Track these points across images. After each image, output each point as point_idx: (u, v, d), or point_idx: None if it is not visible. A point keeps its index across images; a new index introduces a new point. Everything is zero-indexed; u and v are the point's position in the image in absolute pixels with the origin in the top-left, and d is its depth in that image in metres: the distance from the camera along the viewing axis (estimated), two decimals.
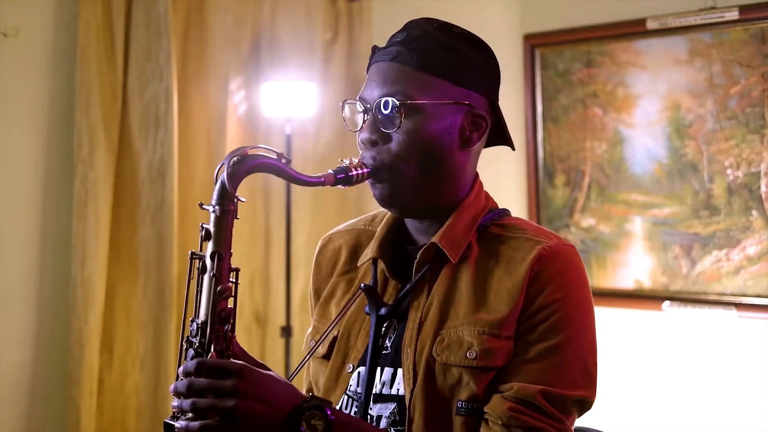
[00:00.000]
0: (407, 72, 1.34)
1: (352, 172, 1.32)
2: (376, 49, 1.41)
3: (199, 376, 1.18)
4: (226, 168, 1.25)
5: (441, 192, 1.38)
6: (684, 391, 2.90)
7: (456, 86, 1.35)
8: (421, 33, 1.37)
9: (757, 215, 2.75)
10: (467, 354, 1.29)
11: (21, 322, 2.69)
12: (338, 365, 1.42)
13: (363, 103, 1.36)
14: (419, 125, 1.32)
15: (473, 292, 1.33)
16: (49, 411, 2.73)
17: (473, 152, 1.41)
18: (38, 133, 2.74)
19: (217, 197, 1.28)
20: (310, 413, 1.19)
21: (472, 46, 1.40)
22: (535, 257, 1.32)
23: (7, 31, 2.58)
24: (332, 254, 1.53)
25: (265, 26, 3.26)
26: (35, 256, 2.72)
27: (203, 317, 1.27)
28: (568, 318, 1.31)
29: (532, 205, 3.20)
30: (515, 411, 1.26)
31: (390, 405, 1.34)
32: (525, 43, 3.21)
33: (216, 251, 1.28)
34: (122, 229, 2.86)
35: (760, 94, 2.73)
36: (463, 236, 1.37)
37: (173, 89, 2.86)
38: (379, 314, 1.37)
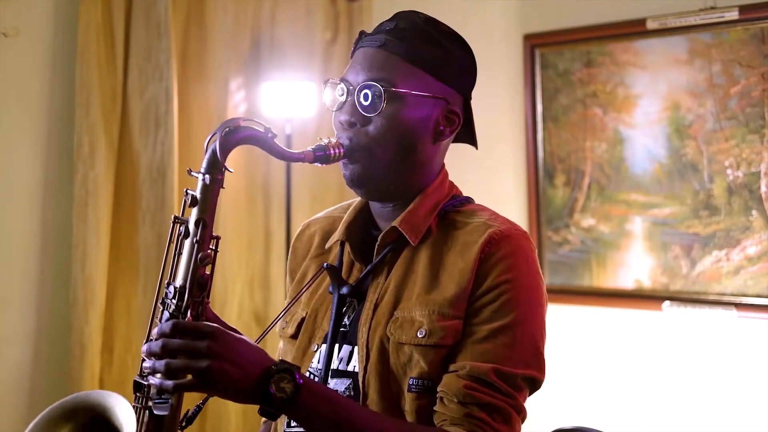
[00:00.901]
0: (394, 60, 1.39)
1: (330, 151, 1.38)
2: (363, 34, 1.47)
3: (174, 338, 1.21)
4: (218, 137, 1.31)
5: (409, 179, 1.44)
6: (684, 392, 2.90)
7: (437, 81, 1.41)
8: (410, 25, 1.42)
9: (757, 215, 2.75)
10: (418, 333, 1.35)
11: (22, 322, 2.69)
12: (304, 345, 1.49)
13: (346, 84, 1.41)
14: (398, 113, 1.38)
15: (428, 273, 1.39)
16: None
17: (443, 146, 1.47)
18: (38, 133, 2.74)
19: (206, 165, 1.32)
20: (280, 376, 1.22)
21: (456, 45, 1.45)
22: (486, 240, 1.37)
23: (7, 31, 2.58)
24: (307, 239, 1.61)
25: (265, 26, 3.27)
26: (36, 255, 2.72)
27: (182, 281, 1.30)
28: (517, 299, 1.36)
29: (532, 205, 3.20)
30: (470, 388, 1.31)
31: (346, 381, 1.41)
32: (525, 43, 3.21)
33: (200, 218, 1.30)
34: (122, 229, 2.86)
35: (760, 94, 2.73)
36: (423, 220, 1.43)
37: (173, 89, 2.86)
38: (341, 293, 1.44)
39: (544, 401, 3.14)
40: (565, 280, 3.14)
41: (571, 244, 3.14)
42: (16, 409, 2.66)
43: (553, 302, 3.15)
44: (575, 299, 3.12)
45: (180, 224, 1.32)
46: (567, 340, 3.16)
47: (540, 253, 3.19)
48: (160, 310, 1.30)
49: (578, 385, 3.12)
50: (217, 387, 1.21)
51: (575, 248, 3.14)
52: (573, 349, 3.14)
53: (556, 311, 3.18)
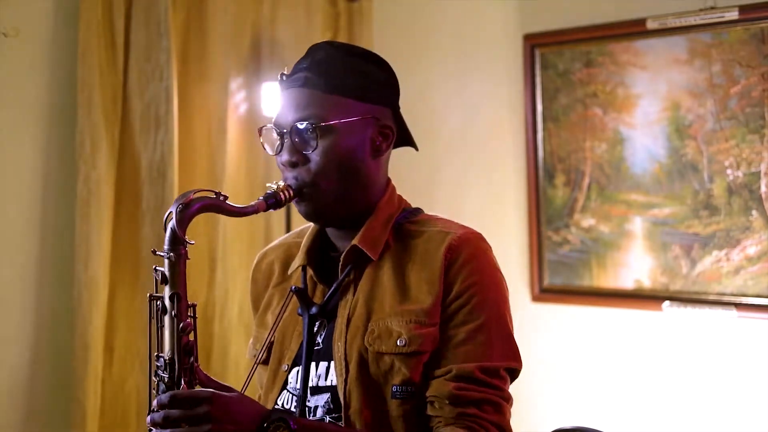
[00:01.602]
0: (317, 96, 1.47)
1: (280, 196, 1.46)
2: (283, 76, 1.53)
3: (173, 408, 1.31)
4: (174, 215, 1.40)
5: (358, 200, 1.51)
6: (684, 392, 2.90)
7: (362, 102, 1.48)
8: (325, 56, 1.49)
9: (757, 215, 2.75)
10: (398, 342, 1.43)
11: (24, 323, 2.69)
12: (275, 367, 1.56)
13: (279, 128, 1.49)
14: (334, 143, 1.46)
15: (395, 285, 1.47)
16: (53, 411, 2.73)
17: (383, 159, 1.54)
18: (39, 133, 2.74)
19: (169, 243, 1.41)
20: (275, 425, 1.32)
21: (371, 63, 1.52)
22: (447, 247, 1.46)
23: (7, 31, 2.58)
24: (266, 268, 1.68)
25: (265, 26, 3.26)
26: (38, 256, 2.72)
27: (169, 353, 1.39)
28: (486, 299, 1.46)
29: (532, 205, 3.20)
30: (459, 389, 1.40)
31: (324, 395, 1.48)
32: (525, 43, 3.21)
33: (174, 293, 1.39)
34: (123, 229, 2.86)
35: (760, 94, 2.73)
36: (380, 235, 1.51)
37: (173, 89, 2.86)
38: (311, 313, 1.50)
39: (544, 401, 3.15)
40: (565, 280, 3.15)
41: (571, 244, 3.14)
42: (17, 409, 2.66)
43: (553, 302, 3.18)
44: (575, 299, 3.12)
45: (156, 300, 1.41)
46: (567, 340, 3.16)
47: (540, 253, 3.19)
48: (155, 381, 1.40)
49: (578, 385, 3.12)
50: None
51: (575, 248, 3.14)
52: (573, 349, 3.15)
53: (556, 311, 3.19)
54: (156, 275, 1.40)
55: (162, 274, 1.40)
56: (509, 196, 3.26)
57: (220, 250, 3.05)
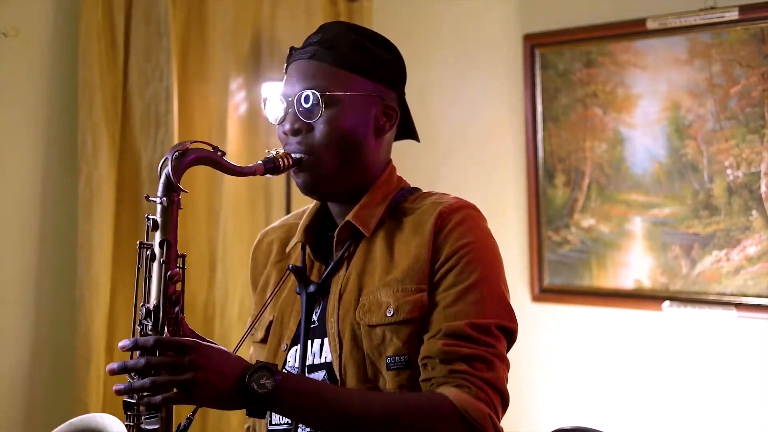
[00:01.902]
0: (324, 68, 1.47)
1: (279, 162, 1.45)
2: (293, 50, 1.53)
3: (154, 354, 1.28)
4: (169, 162, 1.35)
5: (357, 176, 1.50)
6: (684, 392, 2.90)
7: (368, 80, 1.48)
8: (335, 33, 1.50)
9: (757, 215, 2.75)
10: (386, 313, 1.42)
11: (26, 323, 2.69)
12: (274, 346, 1.55)
13: (284, 97, 1.49)
14: (338, 115, 1.45)
15: (386, 257, 1.46)
16: (54, 411, 2.73)
17: (386, 140, 1.54)
18: (40, 133, 2.74)
19: (162, 189, 1.36)
20: (259, 374, 1.29)
21: (381, 45, 1.52)
22: (438, 215, 1.45)
23: (7, 31, 2.58)
24: (266, 247, 1.67)
25: (265, 26, 3.27)
26: (40, 256, 2.72)
27: (155, 301, 1.35)
28: (477, 259, 1.43)
29: (532, 205, 3.20)
30: (448, 345, 1.38)
31: (320, 373, 1.47)
32: (525, 43, 3.21)
33: (164, 239, 1.36)
34: (124, 229, 2.86)
35: (760, 94, 2.73)
36: (375, 211, 1.50)
37: (173, 89, 2.87)
38: (308, 292, 1.50)
39: (544, 401, 3.15)
40: (565, 280, 3.15)
41: (571, 244, 3.14)
42: (18, 409, 2.66)
43: (553, 302, 3.18)
44: (575, 299, 3.12)
45: (146, 248, 1.38)
46: (567, 341, 3.16)
47: (540, 253, 3.19)
48: (138, 331, 1.36)
49: (578, 385, 3.12)
50: (202, 396, 1.28)
51: (575, 248, 3.14)
52: (573, 349, 3.15)
53: (556, 311, 3.19)
54: (147, 222, 1.37)
55: (153, 221, 1.36)
56: (509, 196, 3.26)
57: (220, 250, 3.05)
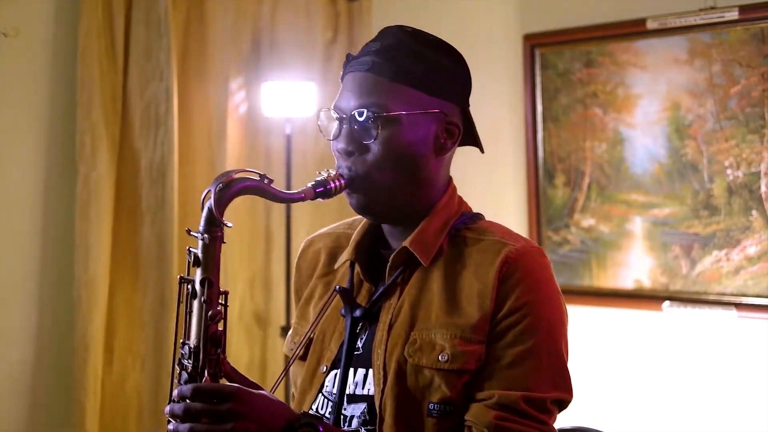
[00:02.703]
0: (382, 83, 1.36)
1: (330, 185, 1.35)
2: (350, 57, 1.42)
3: (195, 401, 1.23)
4: (213, 194, 1.28)
5: (415, 198, 1.41)
6: (684, 392, 2.90)
7: (430, 96, 1.37)
8: (395, 42, 1.38)
9: (757, 215, 2.75)
10: (439, 357, 1.32)
11: (23, 322, 2.69)
12: (313, 367, 1.46)
13: (339, 112, 1.38)
14: (395, 135, 1.35)
15: (444, 295, 1.36)
16: (53, 411, 2.73)
17: (446, 158, 1.44)
18: (39, 133, 2.74)
19: (204, 224, 1.30)
20: (303, 430, 1.23)
21: (445, 55, 1.41)
22: (503, 260, 1.34)
23: (7, 31, 2.58)
24: (312, 257, 1.57)
25: (265, 26, 3.26)
26: (38, 256, 2.72)
27: (195, 341, 1.30)
28: (540, 320, 1.34)
29: (532, 205, 3.20)
30: (500, 419, 1.29)
31: (361, 405, 1.37)
32: (525, 43, 3.21)
33: (205, 278, 1.30)
34: (123, 229, 2.86)
35: (760, 94, 2.73)
36: (434, 240, 1.40)
37: (173, 89, 2.86)
38: (354, 316, 1.40)
39: None
40: (565, 280, 3.14)
41: (571, 244, 3.14)
42: (17, 409, 2.66)
43: None
44: (575, 299, 3.12)
45: (186, 284, 1.32)
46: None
47: None
48: (177, 371, 1.32)
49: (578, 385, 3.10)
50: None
51: (575, 248, 3.14)
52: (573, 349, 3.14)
53: None
54: (189, 257, 1.30)
55: (195, 256, 1.29)
56: (509, 196, 3.26)
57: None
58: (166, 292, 2.83)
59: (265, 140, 3.21)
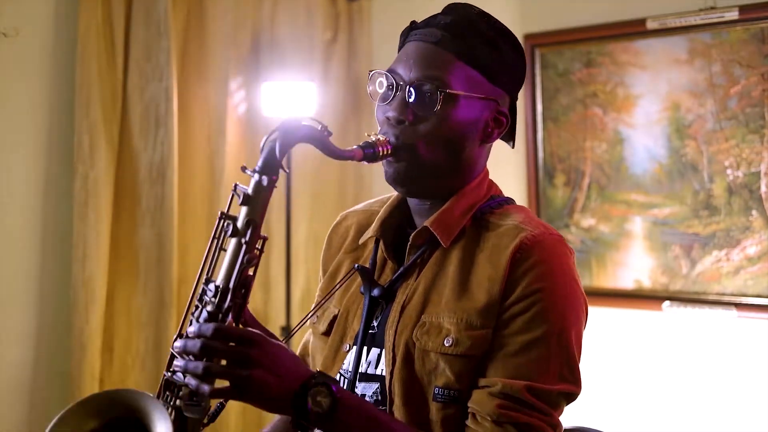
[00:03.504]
0: (449, 59, 1.34)
1: (378, 149, 1.32)
2: (414, 25, 1.41)
3: (216, 341, 1.17)
4: (279, 135, 1.23)
5: (451, 180, 1.40)
6: (684, 391, 2.90)
7: (490, 82, 1.37)
8: (465, 21, 1.37)
9: (757, 215, 2.75)
10: (445, 341, 1.31)
11: (22, 322, 2.69)
12: (336, 344, 1.44)
13: (396, 78, 1.36)
14: (450, 114, 1.33)
15: (458, 278, 1.34)
16: (51, 411, 2.73)
17: (488, 147, 1.45)
18: (38, 132, 2.74)
19: (262, 165, 1.24)
20: (317, 389, 1.19)
21: (509, 44, 1.40)
22: (516, 246, 1.32)
23: (7, 31, 2.58)
24: (343, 231, 1.56)
25: (265, 26, 3.27)
26: (36, 255, 2.72)
27: (224, 281, 1.23)
28: (550, 309, 1.30)
29: (532, 205, 3.20)
30: (504, 408, 1.26)
31: (374, 384, 1.37)
32: (525, 43, 3.21)
33: (252, 219, 1.24)
34: (122, 229, 2.86)
35: (760, 94, 2.73)
36: (458, 221, 1.38)
37: (173, 89, 2.86)
38: (372, 295, 1.39)
39: None
40: None
41: (571, 244, 3.13)
42: (16, 408, 2.66)
43: None
44: None
45: (227, 221, 1.25)
46: None
47: None
48: (198, 307, 1.25)
49: None
50: (254, 397, 1.18)
51: (575, 248, 3.12)
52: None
53: None
54: (236, 192, 1.24)
55: (245, 195, 1.23)
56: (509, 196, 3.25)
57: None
58: (165, 293, 2.83)
59: None
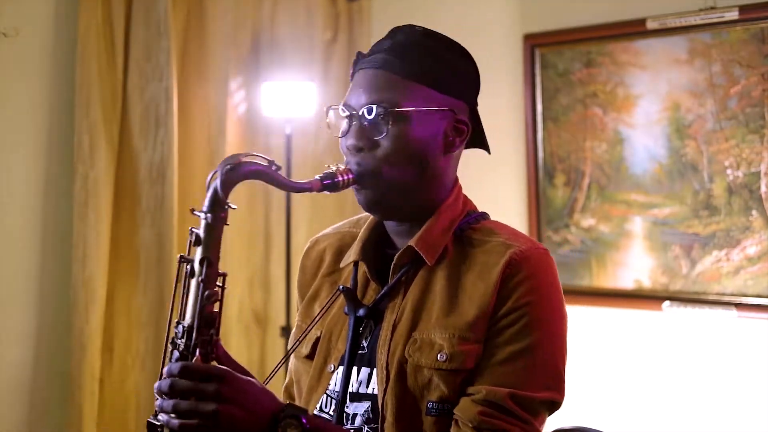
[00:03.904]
0: (394, 80, 1.37)
1: (338, 178, 1.35)
2: (360, 56, 1.44)
3: (183, 379, 1.22)
4: (219, 175, 1.28)
5: (423, 196, 1.41)
6: (684, 392, 2.90)
7: (440, 93, 1.38)
8: (407, 40, 1.40)
9: (757, 215, 2.75)
10: (438, 356, 1.33)
11: (22, 322, 2.69)
12: (320, 365, 1.46)
13: (349, 109, 1.39)
14: (405, 132, 1.36)
15: (447, 295, 1.37)
16: (50, 411, 2.73)
17: (454, 156, 1.45)
18: (38, 133, 2.74)
19: (209, 204, 1.30)
20: (287, 422, 1.22)
21: (456, 54, 1.42)
22: (507, 261, 1.35)
23: (7, 31, 2.58)
24: (317, 256, 1.57)
25: (265, 26, 3.27)
26: (36, 255, 2.72)
27: (189, 320, 1.29)
28: (537, 321, 1.34)
29: (532, 205, 3.20)
30: (485, 414, 1.29)
31: (365, 404, 1.39)
32: (525, 43, 3.21)
33: (205, 257, 1.29)
34: (122, 230, 2.86)
35: (760, 94, 2.73)
36: (440, 240, 1.41)
37: (173, 89, 2.86)
38: (357, 315, 1.41)
39: None
40: (565, 280, 3.11)
41: (571, 244, 3.14)
42: (16, 408, 2.66)
43: None
44: (575, 299, 3.11)
45: (186, 263, 1.31)
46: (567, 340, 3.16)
47: None
48: (170, 349, 1.31)
49: (578, 385, 3.11)
50: (222, 430, 1.20)
51: (575, 248, 3.13)
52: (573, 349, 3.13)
53: None
54: (190, 236, 1.30)
55: (196, 236, 1.29)
56: (509, 196, 3.25)
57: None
58: (165, 293, 2.83)
59: (264, 140, 3.21)
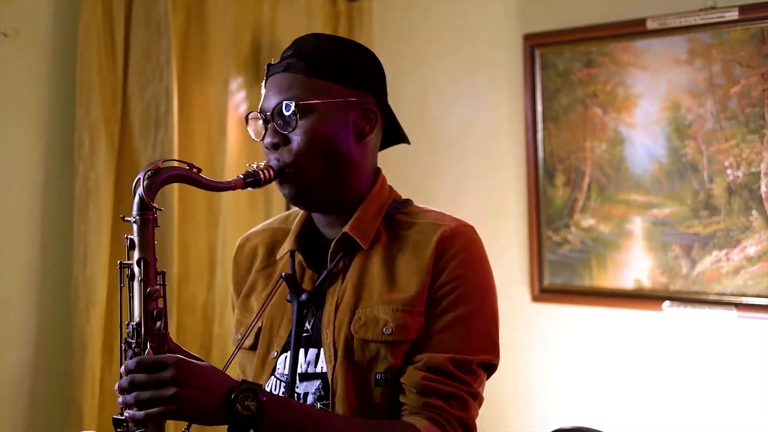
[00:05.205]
0: (299, 78, 1.49)
1: (260, 175, 1.46)
2: (269, 66, 1.57)
3: (138, 372, 1.30)
4: (142, 181, 1.39)
5: (344, 185, 1.52)
6: (684, 392, 2.90)
7: (344, 87, 1.50)
8: (308, 44, 1.53)
9: (757, 215, 2.75)
10: (383, 330, 1.45)
11: (22, 322, 2.69)
12: (263, 354, 1.56)
13: (262, 113, 1.51)
14: (314, 124, 1.47)
15: (385, 274, 1.49)
16: (51, 411, 2.73)
17: (370, 146, 1.55)
18: (38, 132, 2.74)
19: (137, 209, 1.41)
20: (244, 395, 1.30)
21: (356, 51, 1.55)
22: (438, 239, 1.48)
23: (7, 31, 2.58)
24: (249, 252, 1.69)
25: (265, 26, 3.27)
26: (37, 255, 2.72)
27: (137, 318, 1.39)
28: (471, 291, 1.47)
29: (532, 205, 3.20)
30: (427, 379, 1.42)
31: (315, 382, 1.49)
32: (525, 43, 3.21)
33: (141, 258, 1.40)
34: (123, 230, 2.85)
35: (760, 94, 2.73)
36: (371, 224, 1.52)
37: (173, 89, 2.86)
38: (300, 300, 1.51)
39: (544, 401, 3.15)
40: (565, 280, 3.14)
41: (571, 244, 3.14)
42: (16, 408, 2.66)
43: (553, 302, 3.18)
44: (575, 299, 3.12)
45: (127, 268, 1.42)
46: (567, 341, 3.16)
47: (540, 253, 3.19)
48: (124, 348, 1.40)
49: (578, 385, 3.11)
50: (185, 412, 1.29)
51: (575, 248, 3.14)
52: (573, 349, 3.14)
53: (556, 311, 3.19)
54: (126, 242, 1.41)
55: (131, 241, 1.40)
56: (509, 196, 3.25)
57: (219, 252, 3.04)
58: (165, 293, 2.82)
59: None
